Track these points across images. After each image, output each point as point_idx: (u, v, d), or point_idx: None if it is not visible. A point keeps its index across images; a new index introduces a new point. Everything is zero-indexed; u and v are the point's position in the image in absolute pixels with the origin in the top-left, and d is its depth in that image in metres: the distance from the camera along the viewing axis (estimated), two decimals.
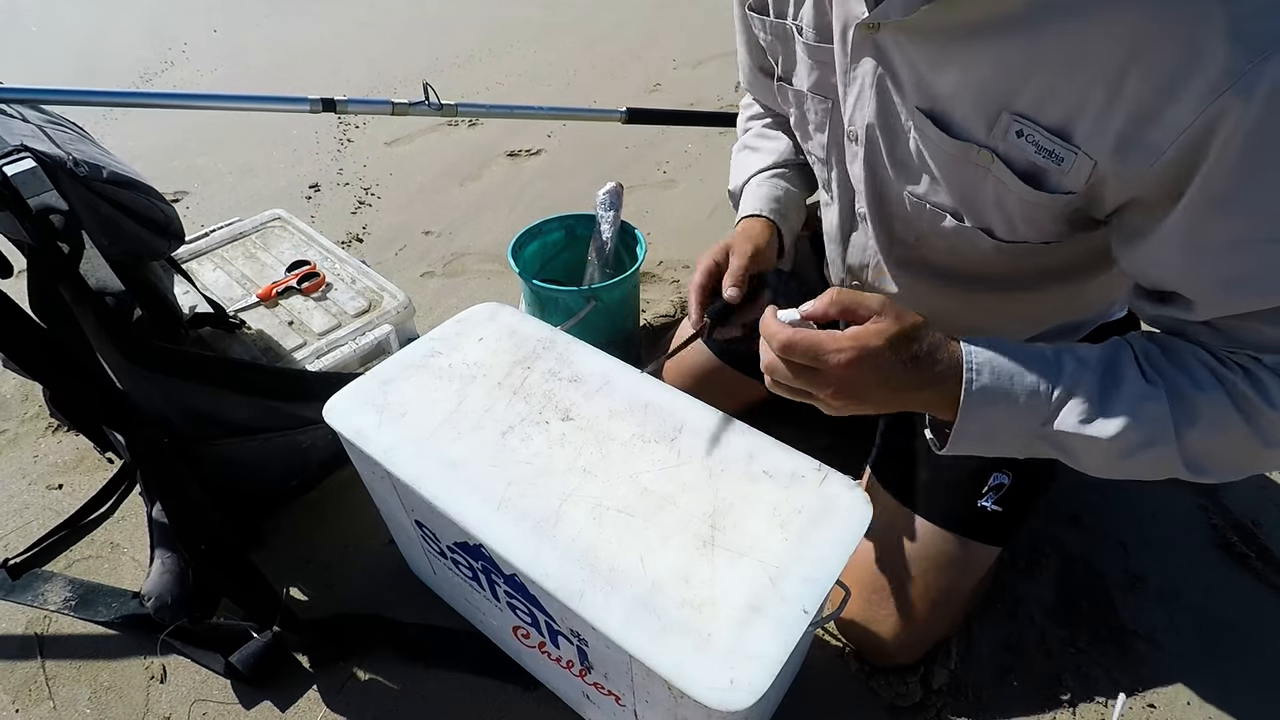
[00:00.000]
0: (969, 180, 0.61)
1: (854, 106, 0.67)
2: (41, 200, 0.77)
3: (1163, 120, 0.46)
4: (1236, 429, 0.53)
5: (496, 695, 0.90)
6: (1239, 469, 0.57)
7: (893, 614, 0.85)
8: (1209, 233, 0.50)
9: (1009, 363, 0.55)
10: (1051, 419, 0.55)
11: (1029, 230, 0.62)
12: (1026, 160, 0.56)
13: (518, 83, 2.60)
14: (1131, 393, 0.53)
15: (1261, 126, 0.43)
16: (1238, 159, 0.45)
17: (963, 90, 0.56)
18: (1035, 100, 0.53)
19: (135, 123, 2.27)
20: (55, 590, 0.98)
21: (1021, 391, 0.55)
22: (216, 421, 0.90)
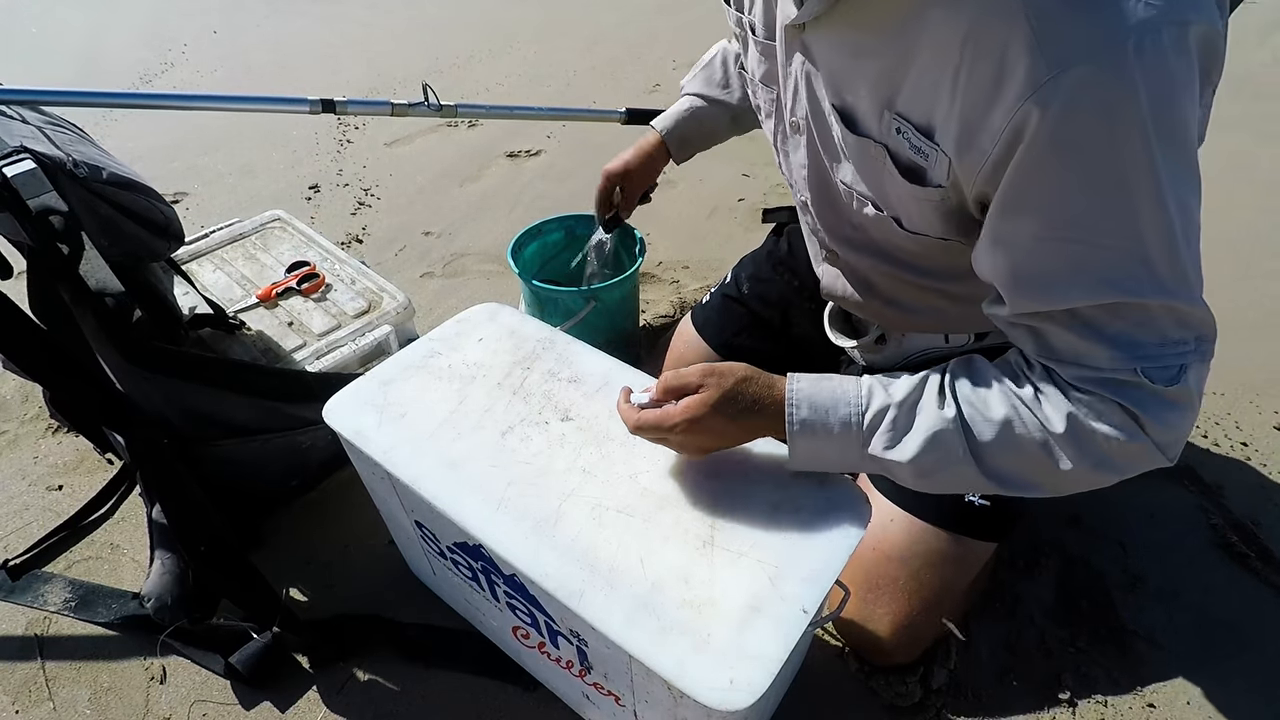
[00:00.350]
0: (873, 172, 0.66)
1: (792, 99, 0.72)
2: (41, 201, 0.77)
3: (987, 123, 0.50)
4: (1027, 449, 0.56)
5: (496, 695, 0.90)
6: (1051, 486, 0.59)
7: (889, 613, 0.85)
8: (1007, 230, 0.54)
9: (826, 398, 0.62)
10: (865, 445, 0.61)
11: (923, 223, 0.65)
12: (906, 156, 0.60)
13: (518, 83, 2.60)
14: (926, 421, 0.59)
15: (1054, 134, 0.47)
16: (1032, 163, 0.49)
17: (861, 89, 0.61)
18: (907, 100, 0.57)
19: (135, 123, 2.27)
20: (55, 591, 0.98)
21: (836, 423, 0.61)
22: (216, 422, 0.90)
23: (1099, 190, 0.48)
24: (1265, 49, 2.75)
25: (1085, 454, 0.55)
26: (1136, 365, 0.52)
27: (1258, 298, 1.56)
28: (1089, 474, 0.56)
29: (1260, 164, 2.03)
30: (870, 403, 0.61)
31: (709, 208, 1.90)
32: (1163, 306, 0.51)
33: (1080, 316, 0.53)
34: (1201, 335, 0.53)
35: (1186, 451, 1.21)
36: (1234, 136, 2.16)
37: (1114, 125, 0.46)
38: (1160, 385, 0.52)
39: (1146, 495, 1.14)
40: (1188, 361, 0.52)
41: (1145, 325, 0.52)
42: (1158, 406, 0.53)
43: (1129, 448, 0.54)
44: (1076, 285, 0.52)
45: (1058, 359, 0.56)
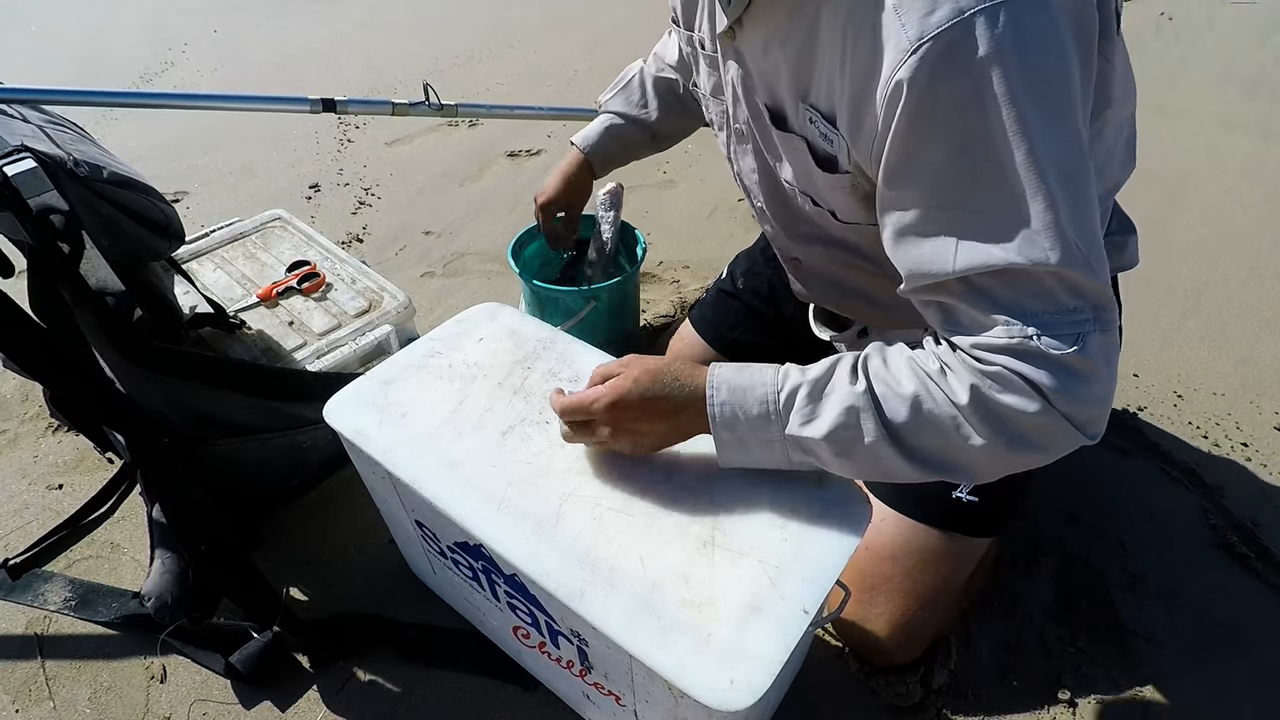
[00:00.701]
0: (802, 167, 0.68)
1: (733, 106, 0.75)
2: (42, 200, 0.77)
3: (869, 102, 0.53)
4: (940, 425, 0.56)
5: (496, 695, 0.90)
6: (975, 468, 0.58)
7: (886, 613, 0.85)
8: (891, 201, 0.56)
9: (744, 380, 0.62)
10: (783, 425, 0.60)
11: (850, 212, 0.67)
12: (820, 146, 0.63)
13: (518, 83, 2.60)
14: (838, 396, 0.59)
15: (920, 104, 0.49)
16: (904, 133, 0.51)
17: (783, 85, 0.64)
18: (816, 91, 0.60)
19: (135, 123, 2.27)
20: (55, 590, 0.98)
21: (754, 402, 0.61)
22: (216, 422, 0.90)
23: (968, 156, 0.50)
24: (1266, 49, 2.75)
25: (996, 429, 0.54)
26: (1032, 332, 0.52)
27: (1267, 297, 1.56)
28: (1007, 453, 0.55)
29: (1269, 164, 2.03)
30: (785, 382, 0.61)
31: (709, 208, 1.90)
32: (1049, 273, 0.50)
33: (974, 285, 0.53)
34: (1099, 304, 0.52)
35: (1187, 451, 1.21)
36: (1244, 137, 2.16)
37: (978, 91, 0.47)
38: (1057, 352, 0.51)
39: (1146, 495, 1.14)
40: (1086, 330, 0.52)
41: (1037, 294, 0.52)
42: (1059, 374, 0.52)
43: (1038, 421, 0.53)
44: (961, 252, 0.52)
45: (962, 331, 0.56)
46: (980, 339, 0.54)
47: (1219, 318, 1.50)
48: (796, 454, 0.62)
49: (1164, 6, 3.09)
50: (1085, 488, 1.15)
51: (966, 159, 0.50)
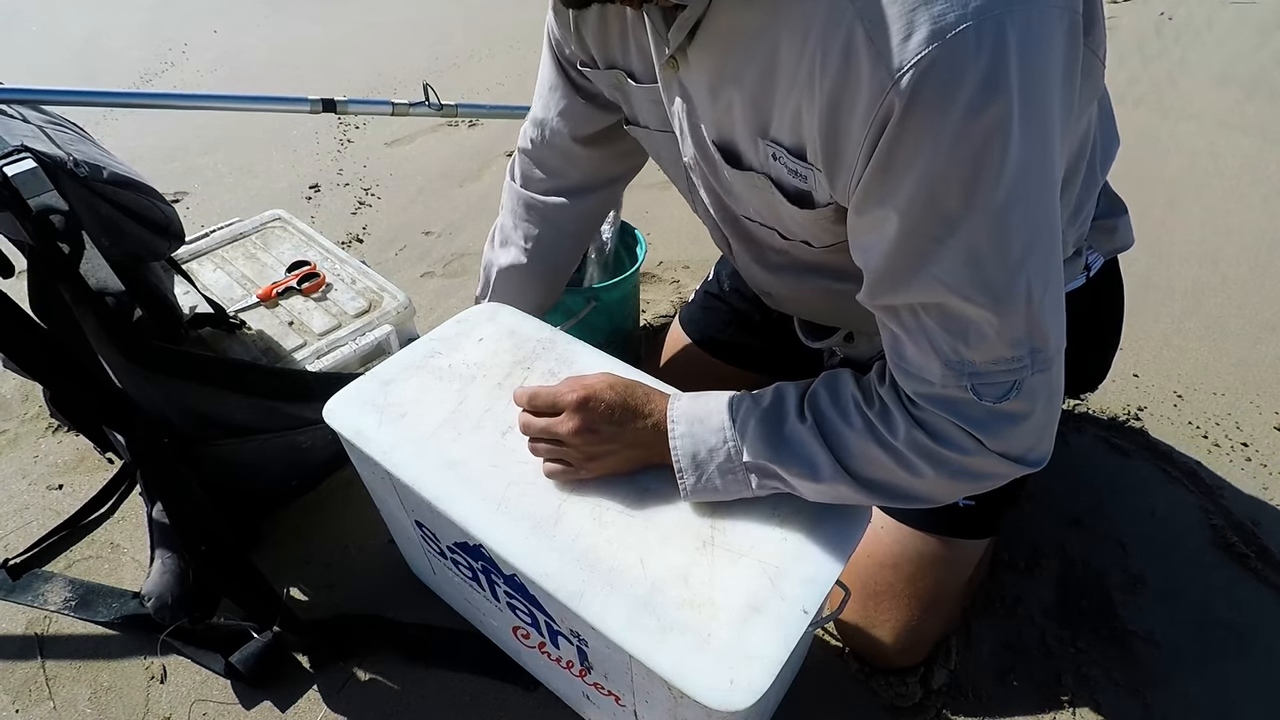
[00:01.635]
0: (766, 203, 0.64)
1: (682, 141, 0.69)
2: (42, 200, 0.77)
3: (848, 135, 0.49)
4: (882, 460, 0.57)
5: (496, 695, 0.90)
6: (930, 495, 0.59)
7: (890, 620, 0.85)
8: (861, 220, 0.54)
9: (701, 409, 0.64)
10: (741, 453, 0.61)
11: (829, 237, 0.64)
12: (790, 183, 0.59)
13: (518, 83, 2.60)
14: (789, 429, 0.60)
15: (895, 140, 0.46)
16: (876, 168, 0.48)
17: (736, 121, 0.59)
18: (778, 126, 0.56)
19: (135, 123, 2.27)
20: (55, 590, 0.98)
21: (711, 431, 0.63)
22: (216, 422, 0.90)
23: (939, 190, 0.47)
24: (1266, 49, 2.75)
25: (937, 467, 0.56)
26: (966, 383, 0.52)
27: (1267, 297, 1.56)
28: (951, 484, 0.57)
29: (1269, 164, 2.03)
30: (738, 412, 0.62)
31: None
32: (991, 323, 0.50)
33: (921, 321, 0.53)
34: (1036, 346, 0.51)
35: (1187, 451, 1.21)
36: (1244, 137, 2.16)
37: (958, 125, 0.44)
38: (990, 401, 0.52)
39: (1147, 495, 1.14)
40: (1022, 377, 0.52)
41: (977, 344, 0.51)
42: (991, 421, 0.53)
43: (976, 460, 0.55)
44: (915, 280, 0.51)
45: (905, 366, 0.56)
46: (917, 385, 0.55)
47: (1219, 318, 1.50)
48: (758, 479, 0.62)
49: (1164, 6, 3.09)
50: (1086, 488, 1.15)
51: (939, 188, 0.47)
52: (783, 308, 0.91)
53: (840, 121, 0.49)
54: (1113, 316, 0.93)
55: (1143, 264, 1.63)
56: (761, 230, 0.71)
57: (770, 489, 0.63)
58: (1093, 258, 0.83)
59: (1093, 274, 0.83)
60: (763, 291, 0.88)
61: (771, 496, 0.65)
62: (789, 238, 0.69)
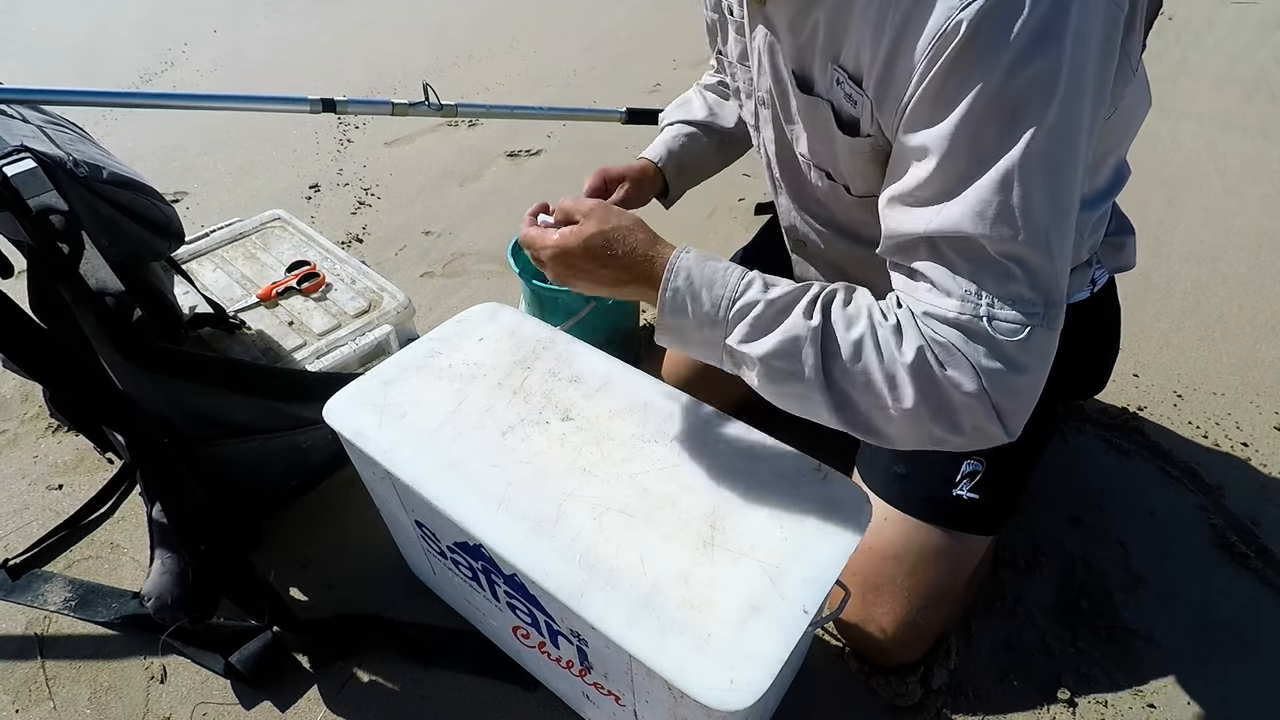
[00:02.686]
0: (822, 135, 0.67)
1: (757, 73, 0.74)
2: (41, 201, 0.77)
3: (904, 63, 0.53)
4: (874, 375, 0.56)
5: (496, 695, 0.90)
6: (888, 429, 0.58)
7: (890, 612, 0.85)
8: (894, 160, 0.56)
9: (706, 275, 0.61)
10: (726, 334, 0.60)
11: (864, 183, 0.66)
12: (845, 109, 0.62)
13: (518, 83, 2.60)
14: (789, 324, 0.58)
15: (949, 68, 0.49)
16: (926, 94, 0.51)
17: (814, 48, 0.63)
18: (847, 52, 0.59)
19: (135, 123, 2.27)
20: (55, 590, 0.98)
21: (706, 300, 0.60)
22: (216, 422, 0.90)
23: (982, 123, 0.50)
24: (1266, 49, 2.75)
25: (926, 397, 0.55)
26: (983, 311, 0.53)
27: (1267, 297, 1.56)
28: (927, 424, 0.56)
29: (1269, 164, 2.03)
30: (744, 293, 0.60)
31: (709, 208, 1.90)
32: (1013, 256, 0.52)
33: (941, 251, 0.54)
34: (1050, 300, 0.53)
35: (1187, 451, 1.21)
36: (1244, 137, 2.16)
37: (1013, 61, 0.47)
38: (1002, 337, 0.53)
39: (1147, 495, 1.14)
40: (1034, 323, 0.53)
41: (997, 275, 0.52)
42: (998, 360, 0.53)
43: (968, 401, 0.54)
44: (942, 214, 0.53)
45: (919, 298, 0.57)
46: (935, 308, 0.55)
47: (1219, 318, 1.50)
48: (729, 363, 0.62)
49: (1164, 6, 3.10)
50: (1086, 488, 1.15)
51: (982, 122, 0.50)
52: (804, 275, 0.92)
53: (903, 45, 0.52)
54: (1112, 327, 0.95)
55: (1143, 264, 1.62)
56: (808, 170, 0.74)
57: (734, 372, 0.63)
58: (1099, 273, 0.86)
59: (1097, 289, 0.85)
60: (796, 239, 0.90)
61: (772, 496, 0.65)
62: (834, 177, 0.71)
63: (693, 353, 0.64)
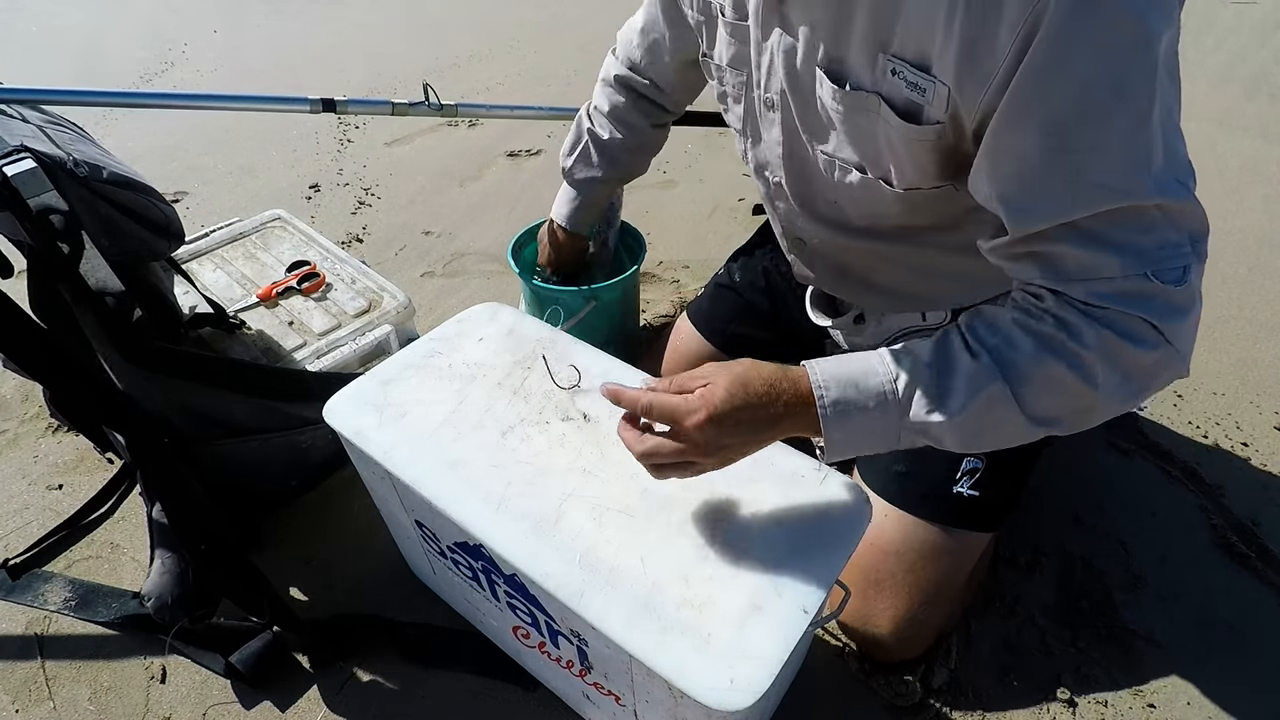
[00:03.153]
0: (864, 129, 0.66)
1: (768, 75, 0.73)
2: (41, 200, 0.77)
3: (992, 41, 0.51)
4: (1063, 377, 0.55)
5: (496, 695, 0.90)
6: (1085, 415, 0.58)
7: (891, 608, 0.85)
8: (1007, 143, 0.55)
9: (851, 374, 0.60)
10: (905, 413, 0.59)
11: (915, 173, 0.66)
12: (903, 97, 0.61)
13: (518, 83, 2.60)
14: (963, 373, 0.58)
15: (1064, 33, 0.48)
16: (1039, 68, 0.50)
17: (852, 41, 0.62)
18: (901, 40, 0.58)
19: (135, 123, 2.27)
20: (55, 590, 0.98)
21: (870, 397, 0.59)
22: (216, 422, 0.90)
23: (1103, 91, 0.49)
24: (1266, 49, 2.75)
25: (1115, 367, 0.55)
26: (1146, 269, 0.53)
27: (1267, 297, 1.56)
28: (1118, 393, 0.56)
29: (1269, 164, 2.03)
30: (899, 369, 0.59)
31: (709, 208, 1.90)
32: (1159, 208, 0.52)
33: (1082, 229, 0.54)
34: (1194, 234, 0.54)
35: (1187, 451, 1.21)
36: (1244, 137, 2.16)
37: (1121, 25, 0.47)
38: (1169, 285, 0.53)
39: (1147, 495, 1.14)
40: (1189, 262, 0.53)
41: (1146, 230, 0.53)
42: (1170, 311, 0.54)
43: (1156, 357, 0.54)
44: (1081, 193, 0.52)
45: (1067, 279, 0.56)
46: (1093, 285, 0.55)
47: (1219, 318, 1.50)
48: (909, 435, 0.60)
49: None
50: (1086, 488, 1.15)
51: (1097, 93, 0.50)
52: (810, 268, 0.92)
53: (984, 28, 0.51)
54: None
55: None
56: (831, 170, 0.72)
57: (911, 444, 0.61)
58: None
59: None
60: (795, 238, 0.89)
61: (772, 495, 0.65)
62: (868, 171, 0.69)
63: (867, 450, 0.61)
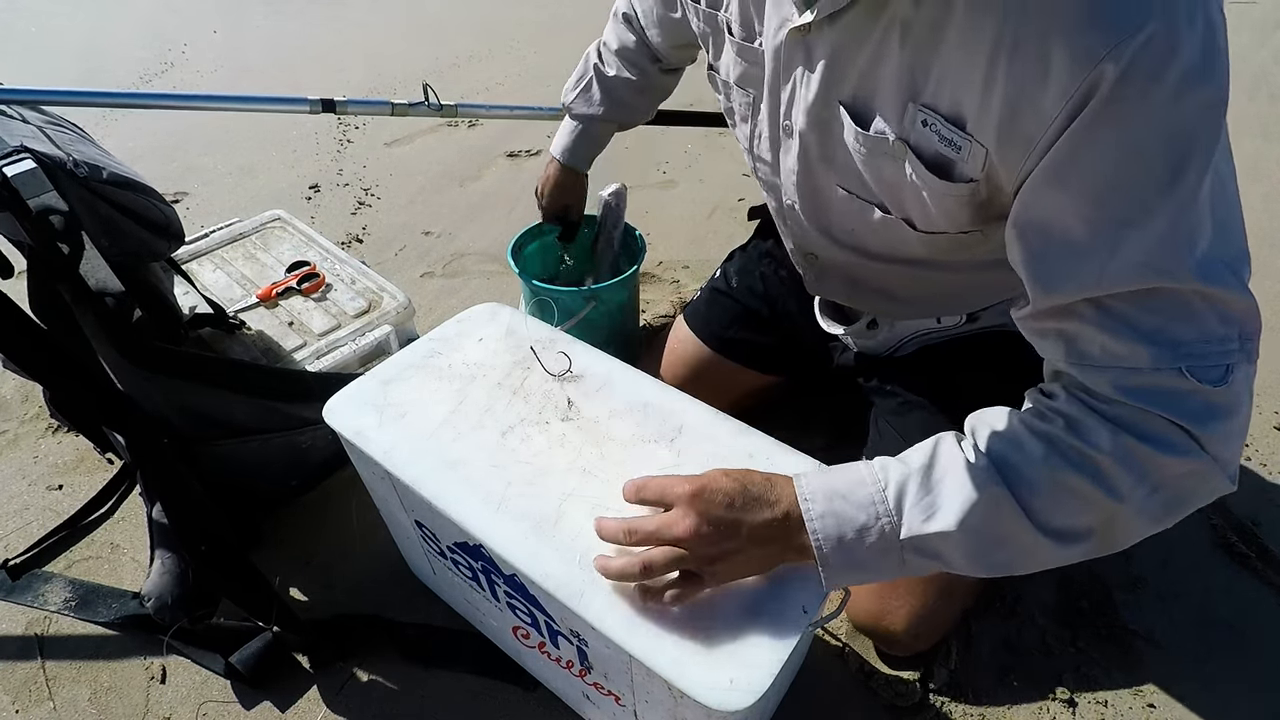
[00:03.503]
0: (886, 173, 0.63)
1: (788, 103, 0.70)
2: (41, 201, 0.77)
3: (1037, 106, 0.48)
4: (1077, 485, 0.50)
5: (496, 695, 0.90)
6: (1111, 530, 0.52)
7: (904, 606, 0.85)
8: (1042, 208, 0.51)
9: (840, 482, 0.56)
10: (899, 528, 0.54)
11: (944, 220, 0.63)
12: (933, 150, 0.57)
13: (518, 83, 2.60)
14: (956, 474, 0.53)
15: (1117, 101, 0.45)
16: (1086, 132, 0.46)
17: (880, 84, 0.59)
18: (934, 91, 0.55)
19: (135, 123, 2.27)
20: (55, 591, 0.98)
21: (858, 507, 0.55)
22: (216, 422, 0.90)
23: (1149, 162, 0.45)
24: (1266, 49, 2.75)
25: (1141, 480, 0.49)
26: (1181, 364, 0.47)
27: (1266, 297, 1.56)
28: (1153, 508, 0.50)
29: (1269, 164, 2.03)
30: (887, 476, 0.55)
31: (709, 208, 1.90)
32: (1201, 294, 0.46)
33: (1111, 309, 0.49)
34: (1245, 332, 0.48)
35: None
36: (1244, 138, 2.16)
37: (1175, 96, 0.43)
38: (1208, 385, 0.47)
39: None
40: (1233, 361, 0.47)
41: (1185, 318, 0.47)
42: (1207, 414, 0.47)
43: (1189, 466, 0.48)
44: (1109, 266, 0.47)
45: (1092, 365, 0.51)
46: (1119, 377, 0.49)
47: None
48: (914, 558, 0.55)
49: None
50: None
51: (1146, 164, 0.45)
52: (820, 282, 0.90)
53: (1030, 93, 0.48)
54: None
55: None
56: (849, 204, 0.70)
57: (915, 569, 0.55)
58: None
59: None
60: (806, 253, 0.86)
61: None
62: (891, 212, 0.66)
63: (870, 573, 0.56)
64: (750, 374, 1.11)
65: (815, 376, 1.10)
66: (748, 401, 1.11)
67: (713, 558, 0.56)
